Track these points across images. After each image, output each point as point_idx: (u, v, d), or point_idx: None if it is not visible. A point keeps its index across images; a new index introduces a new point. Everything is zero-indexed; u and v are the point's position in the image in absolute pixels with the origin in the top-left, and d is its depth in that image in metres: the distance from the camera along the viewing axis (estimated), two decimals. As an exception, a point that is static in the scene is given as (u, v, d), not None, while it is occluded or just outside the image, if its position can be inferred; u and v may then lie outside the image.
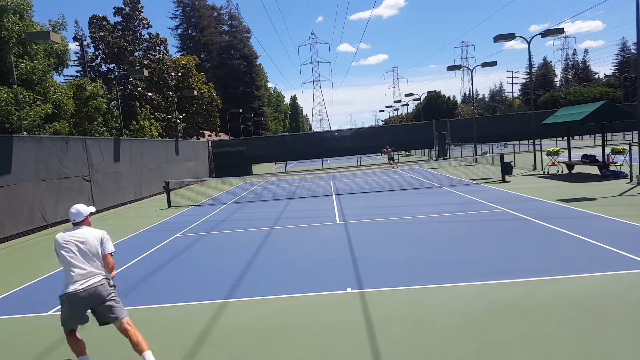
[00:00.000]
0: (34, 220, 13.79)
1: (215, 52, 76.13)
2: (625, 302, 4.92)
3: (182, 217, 14.53)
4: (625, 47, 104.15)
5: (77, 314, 4.16)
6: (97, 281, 4.15)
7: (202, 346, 4.74)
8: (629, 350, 3.91)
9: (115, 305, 4.21)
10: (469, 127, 31.81)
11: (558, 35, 20.36)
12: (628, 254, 6.51)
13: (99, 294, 4.12)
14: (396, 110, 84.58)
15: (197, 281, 7.19)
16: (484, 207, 11.45)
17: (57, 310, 6.25)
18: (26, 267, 9.31)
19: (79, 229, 4.33)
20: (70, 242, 4.20)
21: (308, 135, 44.26)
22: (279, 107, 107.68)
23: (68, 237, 4.23)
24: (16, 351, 5.07)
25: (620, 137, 39.39)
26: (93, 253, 4.23)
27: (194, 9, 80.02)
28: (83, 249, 4.19)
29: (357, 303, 5.55)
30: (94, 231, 4.35)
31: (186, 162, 29.74)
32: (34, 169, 14.07)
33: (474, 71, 32.25)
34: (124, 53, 35.60)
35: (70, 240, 4.21)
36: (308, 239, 9.74)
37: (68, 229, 4.36)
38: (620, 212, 9.44)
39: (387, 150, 29.33)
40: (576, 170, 17.85)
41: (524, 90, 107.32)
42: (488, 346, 4.17)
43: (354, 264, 7.25)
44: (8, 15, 18.40)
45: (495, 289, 5.63)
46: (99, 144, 18.59)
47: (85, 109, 22.92)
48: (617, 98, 75.70)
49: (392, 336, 4.57)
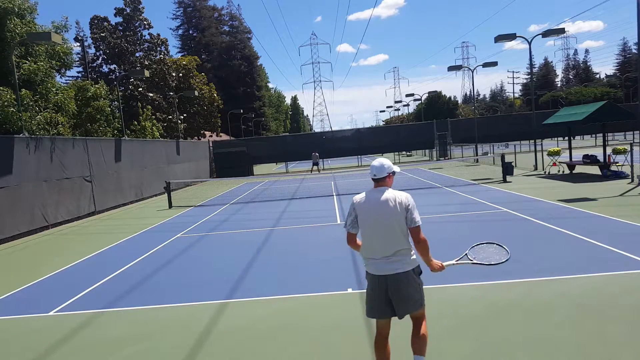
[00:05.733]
0: (35, 220, 13.80)
1: (216, 53, 76.15)
2: (625, 302, 4.92)
3: (183, 218, 14.54)
4: (626, 47, 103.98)
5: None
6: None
7: (203, 346, 4.74)
8: (629, 350, 3.91)
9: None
10: (469, 127, 31.80)
11: (559, 35, 20.34)
12: (628, 254, 6.50)
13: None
14: (397, 110, 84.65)
15: (197, 281, 7.19)
16: (484, 208, 11.44)
17: (57, 311, 6.27)
18: (27, 268, 9.33)
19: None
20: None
21: (309, 135, 44.28)
22: (280, 107, 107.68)
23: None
24: (16, 351, 5.08)
25: (622, 137, 39.32)
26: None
27: (195, 10, 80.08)
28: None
29: (358, 303, 5.54)
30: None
31: (187, 163, 29.77)
32: (35, 169, 14.09)
33: (474, 71, 32.26)
34: (125, 54, 35.65)
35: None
36: (309, 239, 9.75)
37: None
38: (621, 212, 9.43)
39: (314, 155, 30.67)
40: (577, 170, 17.83)
41: (524, 91, 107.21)
42: (488, 346, 4.17)
43: (354, 264, 7.25)
44: (12, 17, 18.46)
45: (495, 289, 5.63)
46: (100, 144, 18.61)
47: (87, 110, 22.96)
48: (618, 98, 75.56)
49: (392, 336, 4.56)
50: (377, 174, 3.56)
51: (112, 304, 6.36)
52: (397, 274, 3.40)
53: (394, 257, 3.41)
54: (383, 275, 3.43)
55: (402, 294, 3.41)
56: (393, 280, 3.40)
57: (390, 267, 3.41)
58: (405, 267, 3.42)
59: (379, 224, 3.42)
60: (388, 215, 3.40)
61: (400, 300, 3.43)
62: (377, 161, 3.62)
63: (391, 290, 3.42)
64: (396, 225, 3.39)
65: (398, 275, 3.40)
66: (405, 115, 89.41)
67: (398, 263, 3.41)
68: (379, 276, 3.45)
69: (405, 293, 3.42)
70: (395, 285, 3.40)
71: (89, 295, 6.92)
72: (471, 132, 29.84)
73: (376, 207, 3.45)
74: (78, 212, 16.23)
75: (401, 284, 3.40)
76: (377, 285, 3.47)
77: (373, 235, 3.46)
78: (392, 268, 3.40)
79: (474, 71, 31.83)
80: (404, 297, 3.42)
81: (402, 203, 3.42)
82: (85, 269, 8.71)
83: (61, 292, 7.14)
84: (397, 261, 3.41)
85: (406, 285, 3.41)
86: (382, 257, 3.43)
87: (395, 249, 3.40)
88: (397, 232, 3.40)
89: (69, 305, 6.49)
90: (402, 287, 3.41)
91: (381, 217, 3.41)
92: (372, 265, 3.49)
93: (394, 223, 3.39)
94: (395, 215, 3.39)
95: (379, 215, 3.42)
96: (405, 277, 3.41)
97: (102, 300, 6.58)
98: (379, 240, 3.43)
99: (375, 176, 3.57)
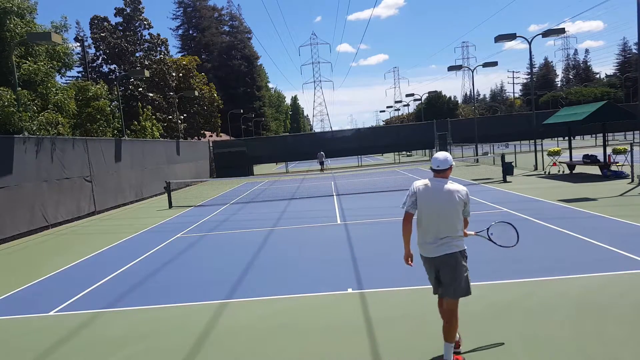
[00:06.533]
0: (35, 220, 13.81)
1: (216, 53, 76.17)
2: (625, 302, 4.92)
3: (183, 218, 14.54)
4: (626, 47, 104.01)
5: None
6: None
7: (202, 346, 4.74)
8: (629, 350, 3.91)
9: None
10: (470, 127, 31.80)
11: (559, 35, 20.34)
12: (629, 254, 6.50)
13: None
14: (397, 110, 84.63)
15: (197, 281, 7.19)
16: (485, 207, 11.44)
17: (57, 311, 6.27)
18: (27, 268, 9.33)
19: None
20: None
21: (309, 135, 44.28)
22: (280, 107, 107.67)
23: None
24: (16, 351, 5.08)
25: (622, 137, 39.32)
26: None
27: (195, 10, 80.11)
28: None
29: (358, 303, 5.55)
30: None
31: (187, 163, 29.77)
32: (35, 169, 14.09)
33: (474, 71, 32.25)
34: (125, 54, 35.63)
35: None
36: (309, 239, 9.75)
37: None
38: (621, 212, 9.43)
39: (319, 156, 31.26)
40: (577, 170, 17.82)
41: (524, 91, 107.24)
42: (488, 346, 4.17)
43: (354, 265, 7.26)
44: (12, 17, 18.45)
45: (495, 289, 5.63)
46: (100, 144, 18.61)
47: (87, 109, 22.95)
48: (618, 98, 75.57)
49: (393, 336, 4.57)
50: (441, 166, 3.93)
51: (112, 304, 6.36)
52: (446, 254, 3.78)
53: (444, 240, 3.79)
54: (432, 257, 3.84)
55: (447, 277, 3.80)
56: (439, 262, 3.82)
57: (440, 249, 3.79)
58: (452, 249, 3.79)
59: (441, 210, 3.78)
60: (450, 203, 3.77)
61: (446, 283, 3.83)
62: (441, 154, 3.98)
63: (440, 271, 3.85)
64: (455, 214, 3.79)
65: (446, 256, 3.78)
66: (405, 115, 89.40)
67: (446, 246, 3.79)
68: (429, 258, 3.86)
69: (451, 276, 3.79)
70: (442, 267, 3.82)
71: (89, 295, 6.92)
72: (471, 132, 29.83)
73: (440, 195, 3.80)
74: (78, 212, 16.23)
75: (448, 265, 3.80)
76: (427, 267, 3.95)
77: (431, 220, 3.81)
78: (442, 250, 3.79)
79: (474, 71, 31.83)
80: (449, 280, 3.80)
81: (463, 196, 3.82)
82: (86, 268, 8.71)
83: (61, 292, 7.14)
84: (445, 244, 3.79)
85: (453, 268, 3.79)
86: (435, 239, 3.80)
87: (447, 234, 3.78)
88: (454, 220, 3.79)
89: (69, 305, 6.49)
90: (449, 270, 3.80)
91: (444, 204, 3.78)
92: (424, 247, 3.88)
93: (454, 212, 3.78)
94: (456, 205, 3.79)
95: (442, 202, 3.78)
96: (453, 258, 3.79)
97: (102, 300, 6.58)
98: (435, 225, 3.80)
99: (439, 167, 3.93)
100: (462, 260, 3.82)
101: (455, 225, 3.78)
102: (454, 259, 3.77)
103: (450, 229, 3.77)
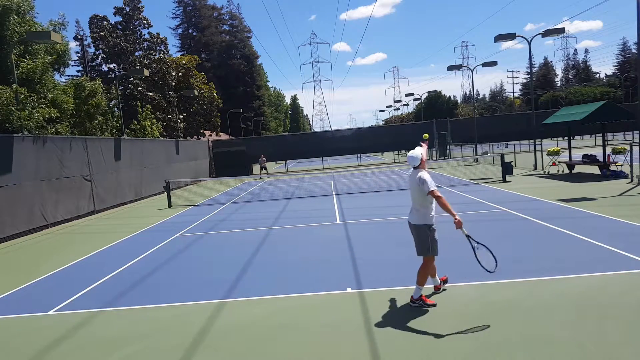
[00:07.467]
0: (34, 219, 13.79)
1: (215, 52, 76.16)
2: (625, 302, 4.92)
3: (183, 217, 14.53)
4: (625, 47, 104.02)
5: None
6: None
7: (202, 345, 4.74)
8: (629, 350, 3.91)
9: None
10: (469, 127, 31.81)
11: (559, 35, 20.32)
12: (628, 254, 6.51)
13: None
14: (397, 110, 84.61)
15: (196, 281, 7.19)
16: (484, 207, 11.45)
17: (57, 310, 6.26)
18: (26, 267, 9.31)
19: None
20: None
21: (308, 134, 44.25)
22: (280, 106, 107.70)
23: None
24: (16, 351, 5.07)
25: (621, 137, 39.36)
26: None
27: (195, 9, 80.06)
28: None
29: (357, 303, 5.55)
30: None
31: (187, 162, 29.75)
32: (34, 168, 14.07)
33: (474, 71, 32.24)
34: (125, 53, 35.59)
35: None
36: (308, 238, 9.74)
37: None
38: (620, 212, 9.43)
39: (261, 159, 30.42)
40: (577, 170, 17.83)
41: (524, 90, 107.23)
42: (488, 346, 4.17)
43: (354, 264, 7.25)
44: (11, 15, 18.42)
45: (495, 289, 5.63)
46: (100, 143, 18.59)
47: (85, 107, 22.90)
48: (617, 98, 75.59)
49: (392, 336, 4.57)
50: (413, 164, 5.36)
51: (112, 303, 6.35)
52: (415, 225, 5.35)
53: (413, 210, 5.36)
54: (409, 223, 5.46)
55: (415, 240, 5.40)
56: (412, 227, 5.43)
57: (411, 217, 5.42)
58: (420, 222, 5.28)
59: (411, 190, 5.37)
60: (413, 184, 5.28)
61: (415, 244, 5.42)
62: (410, 157, 5.38)
63: (412, 234, 5.45)
64: (418, 192, 5.22)
65: (415, 226, 5.35)
66: (404, 114, 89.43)
67: (415, 215, 5.34)
68: (409, 223, 5.49)
69: (416, 240, 5.36)
70: (412, 232, 5.42)
71: (89, 294, 6.92)
72: (471, 132, 29.84)
73: (411, 179, 5.34)
74: (77, 212, 16.21)
75: (415, 232, 5.36)
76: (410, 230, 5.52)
77: (410, 196, 5.44)
78: (413, 218, 5.38)
79: (473, 71, 31.82)
80: (415, 243, 5.39)
81: (419, 179, 5.17)
82: (85, 268, 8.70)
83: (61, 291, 7.14)
84: (415, 213, 5.34)
85: (418, 236, 5.32)
86: (411, 209, 5.41)
87: (415, 207, 5.33)
88: (416, 196, 5.26)
89: (69, 304, 6.49)
90: (415, 236, 5.37)
91: (411, 185, 5.34)
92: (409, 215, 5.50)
93: (418, 190, 5.22)
94: (416, 186, 5.22)
95: (411, 184, 5.34)
96: (418, 229, 5.30)
97: (102, 299, 6.58)
98: (411, 199, 5.40)
99: (413, 165, 5.37)
100: (427, 231, 5.19)
101: (417, 200, 5.25)
102: (419, 230, 5.26)
103: (416, 203, 5.29)
